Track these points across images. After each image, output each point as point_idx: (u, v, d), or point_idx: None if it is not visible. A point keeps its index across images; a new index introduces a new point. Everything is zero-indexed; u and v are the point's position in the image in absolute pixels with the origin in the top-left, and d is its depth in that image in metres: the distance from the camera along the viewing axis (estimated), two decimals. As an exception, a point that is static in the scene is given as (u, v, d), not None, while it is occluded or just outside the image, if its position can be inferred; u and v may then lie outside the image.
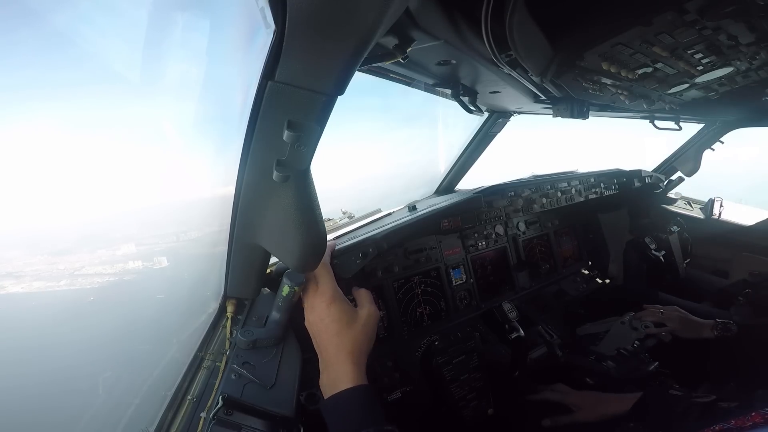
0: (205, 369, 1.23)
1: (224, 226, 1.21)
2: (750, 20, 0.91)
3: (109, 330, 1.33)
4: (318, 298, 1.19)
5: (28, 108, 0.97)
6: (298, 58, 0.77)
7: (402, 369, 1.86)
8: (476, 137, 2.59)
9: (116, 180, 1.20)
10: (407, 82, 1.52)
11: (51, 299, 1.47)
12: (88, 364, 1.30)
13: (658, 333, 1.85)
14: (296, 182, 1.05)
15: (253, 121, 0.92)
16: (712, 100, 1.72)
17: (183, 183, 1.35)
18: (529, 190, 2.48)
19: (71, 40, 0.92)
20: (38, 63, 0.92)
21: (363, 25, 0.69)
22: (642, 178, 3.03)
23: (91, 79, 0.99)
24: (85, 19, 0.91)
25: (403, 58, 1.05)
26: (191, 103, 1.15)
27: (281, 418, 1.08)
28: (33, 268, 1.41)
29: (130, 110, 1.11)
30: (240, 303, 1.43)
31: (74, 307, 1.46)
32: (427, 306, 2.20)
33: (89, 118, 1.06)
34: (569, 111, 1.73)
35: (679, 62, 1.16)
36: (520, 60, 1.06)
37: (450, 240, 2.34)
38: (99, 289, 1.52)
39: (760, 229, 2.99)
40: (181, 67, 1.11)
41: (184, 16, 0.98)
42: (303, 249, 1.15)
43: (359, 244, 1.71)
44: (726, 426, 0.77)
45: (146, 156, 1.23)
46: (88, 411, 1.24)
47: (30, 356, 1.23)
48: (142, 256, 1.56)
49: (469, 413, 1.73)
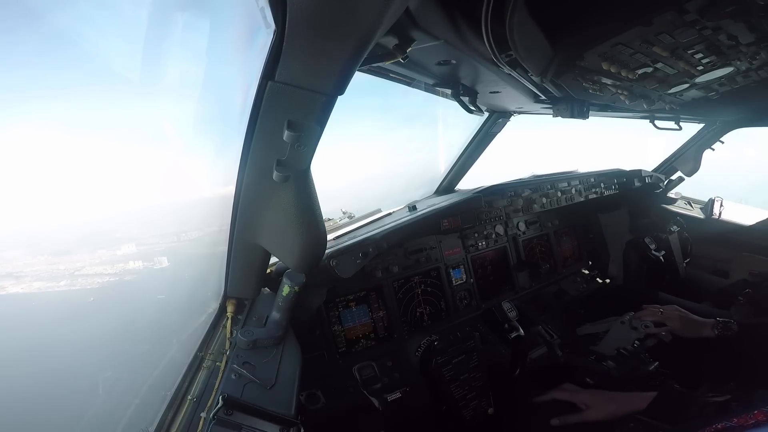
0: (205, 369, 1.23)
1: (224, 226, 1.21)
2: (750, 20, 0.91)
3: (109, 330, 1.33)
4: None
5: (29, 108, 0.97)
6: (299, 58, 0.77)
7: (402, 369, 1.86)
8: (476, 137, 2.59)
9: (117, 180, 1.20)
10: (407, 82, 1.52)
11: (51, 299, 1.47)
12: (88, 365, 1.30)
13: (658, 333, 1.85)
14: (296, 182, 1.05)
15: (253, 121, 0.92)
16: (712, 100, 1.71)
17: (183, 183, 1.35)
18: (529, 190, 2.48)
19: (72, 41, 0.92)
20: (39, 63, 0.92)
21: (363, 25, 0.70)
22: (642, 177, 3.03)
23: (92, 79, 0.99)
24: (86, 20, 0.91)
25: (403, 58, 1.05)
26: (191, 103, 1.15)
27: (281, 418, 1.08)
28: (33, 269, 1.41)
29: (130, 110, 1.11)
30: (240, 303, 1.43)
31: (74, 308, 1.46)
32: (427, 306, 2.20)
33: (90, 118, 1.06)
34: (569, 111, 1.73)
35: (679, 62, 1.16)
36: (520, 60, 1.06)
37: (450, 240, 2.34)
38: (99, 290, 1.52)
39: (760, 228, 2.99)
40: (181, 67, 1.11)
41: (184, 16, 0.98)
42: (303, 249, 1.15)
43: (359, 244, 1.71)
44: (728, 424, 0.77)
45: (146, 156, 1.23)
46: (88, 411, 1.24)
47: (31, 357, 1.24)
48: (143, 256, 1.56)
49: (469, 413, 1.73)
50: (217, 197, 1.21)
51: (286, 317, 1.37)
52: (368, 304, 2.02)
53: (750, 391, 1.07)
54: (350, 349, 1.94)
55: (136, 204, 1.30)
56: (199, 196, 1.43)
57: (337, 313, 1.93)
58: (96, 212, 1.26)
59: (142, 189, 1.26)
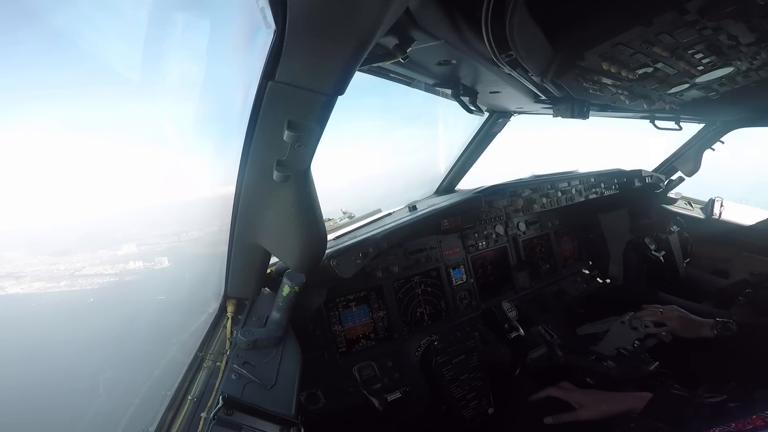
0: (205, 369, 1.23)
1: (224, 226, 1.21)
2: (750, 20, 0.91)
3: (109, 330, 1.33)
4: None
5: (30, 108, 0.97)
6: (299, 58, 0.77)
7: (402, 369, 1.86)
8: (476, 137, 2.59)
9: (117, 180, 1.20)
10: (407, 82, 1.52)
11: (52, 300, 1.47)
12: (89, 365, 1.30)
13: (658, 333, 1.85)
14: (296, 182, 1.05)
15: (253, 121, 0.92)
16: (713, 100, 1.71)
17: (184, 183, 1.35)
18: (530, 190, 2.48)
19: (71, 40, 0.92)
20: (39, 63, 0.92)
21: (363, 25, 0.70)
22: (642, 178, 3.03)
23: (92, 79, 0.99)
24: (86, 19, 0.91)
25: (403, 58, 1.05)
26: (192, 103, 1.15)
27: (281, 418, 1.08)
28: (33, 269, 1.41)
29: (130, 110, 1.11)
30: (240, 303, 1.43)
31: (75, 308, 1.46)
32: (427, 306, 2.20)
33: (91, 118, 1.06)
34: (569, 111, 1.73)
35: (680, 62, 1.16)
36: (521, 60, 1.06)
37: (450, 240, 2.34)
38: (100, 290, 1.52)
39: (760, 229, 2.99)
40: (181, 67, 1.11)
41: (185, 16, 0.98)
42: (303, 249, 1.15)
43: (359, 244, 1.71)
44: (726, 429, 0.77)
45: (147, 156, 1.23)
46: (89, 411, 1.24)
47: (31, 357, 1.24)
48: (144, 257, 1.56)
49: (470, 413, 1.73)
50: (218, 197, 1.21)
51: (286, 317, 1.37)
52: (368, 304, 2.02)
53: (750, 391, 1.07)
54: (350, 349, 1.94)
55: (136, 204, 1.30)
56: (199, 196, 1.43)
57: (337, 313, 1.93)
58: (97, 212, 1.26)
59: (143, 189, 1.26)
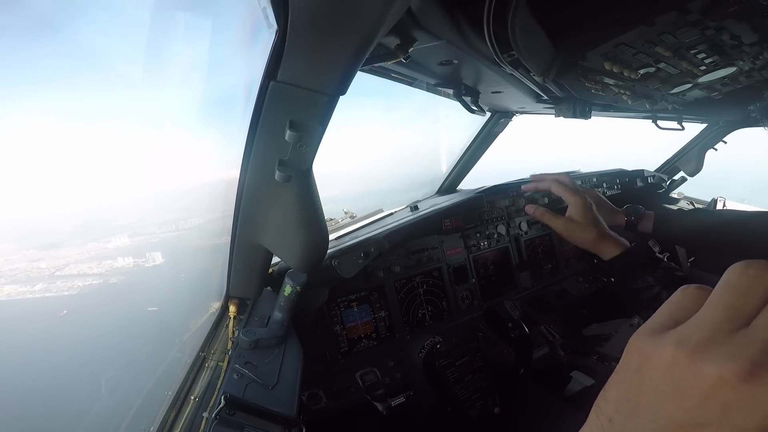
0: (207, 369, 1.23)
1: (226, 227, 1.21)
2: (753, 20, 0.91)
3: (110, 331, 1.33)
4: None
5: (30, 108, 0.97)
6: (301, 58, 0.77)
7: (404, 369, 1.86)
8: (478, 137, 2.58)
9: (118, 180, 1.20)
10: (409, 82, 1.52)
11: (52, 300, 1.48)
12: (90, 365, 1.31)
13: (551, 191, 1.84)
14: (298, 182, 1.05)
15: (255, 121, 0.92)
16: (715, 100, 1.71)
17: (184, 183, 1.35)
18: (531, 190, 2.47)
19: (71, 40, 0.93)
20: (40, 63, 0.93)
21: (365, 25, 0.69)
22: (644, 178, 3.02)
23: (93, 79, 0.99)
24: (87, 19, 0.91)
25: (405, 58, 1.05)
26: (193, 103, 1.15)
27: (283, 417, 1.08)
28: (34, 270, 1.41)
29: (131, 110, 1.11)
30: (242, 303, 1.44)
31: (76, 308, 1.46)
32: (429, 306, 2.20)
33: (91, 118, 1.07)
34: (571, 111, 1.72)
35: (682, 62, 1.15)
36: (523, 60, 1.06)
37: (452, 240, 2.34)
38: (101, 291, 1.53)
39: None
40: (182, 66, 1.11)
41: (186, 15, 0.98)
42: (305, 249, 1.15)
43: (361, 244, 1.71)
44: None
45: (148, 156, 1.23)
46: (91, 411, 1.24)
47: (33, 357, 1.24)
48: (144, 257, 1.57)
49: (476, 413, 1.73)
50: (219, 197, 1.21)
51: (287, 317, 1.37)
52: (370, 304, 2.02)
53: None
54: (352, 348, 1.94)
55: (137, 203, 1.31)
56: (200, 196, 1.43)
57: (338, 313, 1.93)
58: (97, 213, 1.27)
59: (143, 189, 1.27)
